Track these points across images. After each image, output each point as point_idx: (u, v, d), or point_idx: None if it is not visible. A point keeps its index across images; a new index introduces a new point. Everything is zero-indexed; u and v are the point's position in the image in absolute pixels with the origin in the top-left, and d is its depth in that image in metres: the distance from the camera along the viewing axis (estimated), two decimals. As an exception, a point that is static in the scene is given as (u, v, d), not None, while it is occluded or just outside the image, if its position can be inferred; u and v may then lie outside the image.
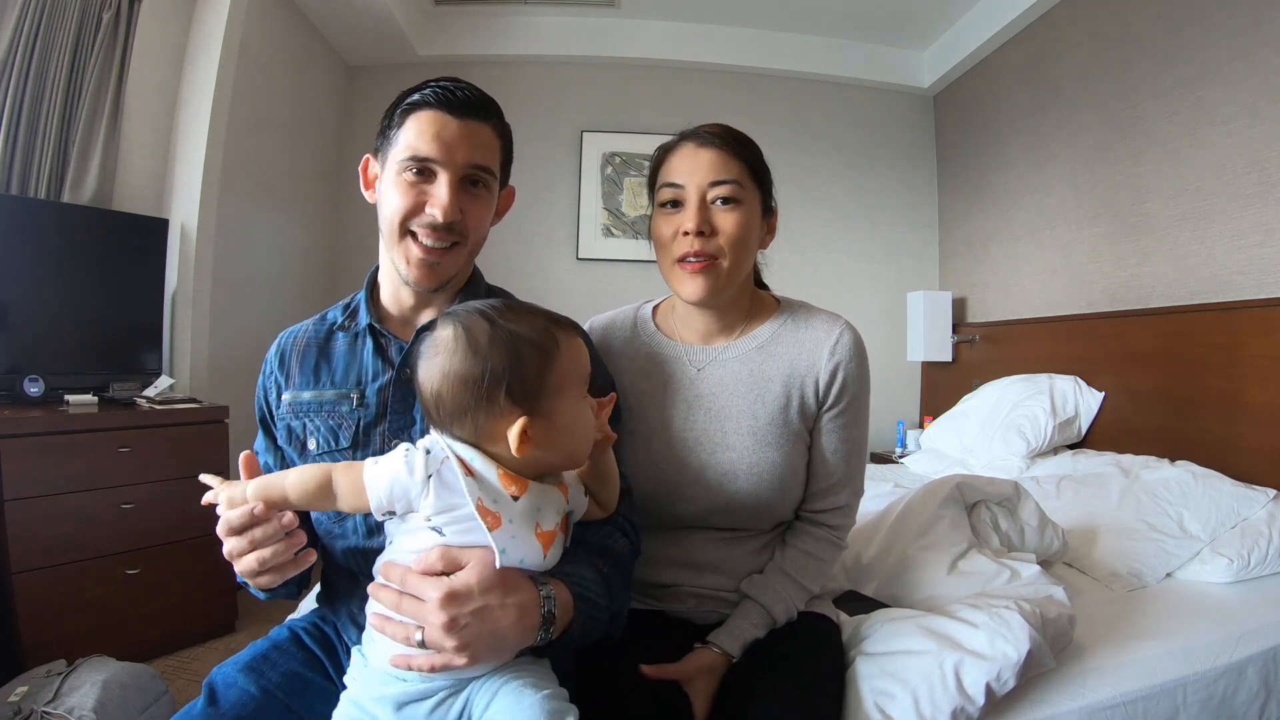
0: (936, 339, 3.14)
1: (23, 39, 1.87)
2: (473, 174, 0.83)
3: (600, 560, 0.76)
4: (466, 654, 0.62)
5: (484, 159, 0.84)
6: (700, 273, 0.91)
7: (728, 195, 0.91)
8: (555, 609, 0.66)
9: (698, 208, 0.90)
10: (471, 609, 0.62)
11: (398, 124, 0.82)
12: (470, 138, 0.82)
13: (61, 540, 1.70)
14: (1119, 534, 1.50)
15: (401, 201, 0.81)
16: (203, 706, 0.74)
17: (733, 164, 0.91)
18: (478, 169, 0.83)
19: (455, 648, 0.61)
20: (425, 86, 0.82)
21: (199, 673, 1.80)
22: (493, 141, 0.85)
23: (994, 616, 0.94)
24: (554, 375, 0.67)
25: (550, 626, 0.66)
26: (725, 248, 0.90)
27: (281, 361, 0.89)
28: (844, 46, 3.41)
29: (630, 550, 0.84)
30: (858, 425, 0.98)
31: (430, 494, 0.63)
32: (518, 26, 3.29)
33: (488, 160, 0.84)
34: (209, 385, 2.32)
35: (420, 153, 0.80)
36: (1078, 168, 2.52)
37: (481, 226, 0.87)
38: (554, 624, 0.66)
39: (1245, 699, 1.09)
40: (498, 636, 0.63)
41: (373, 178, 0.89)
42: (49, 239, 1.91)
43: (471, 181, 0.84)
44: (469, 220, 0.83)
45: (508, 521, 0.64)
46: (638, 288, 3.25)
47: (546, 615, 0.66)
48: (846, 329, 0.97)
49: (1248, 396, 1.78)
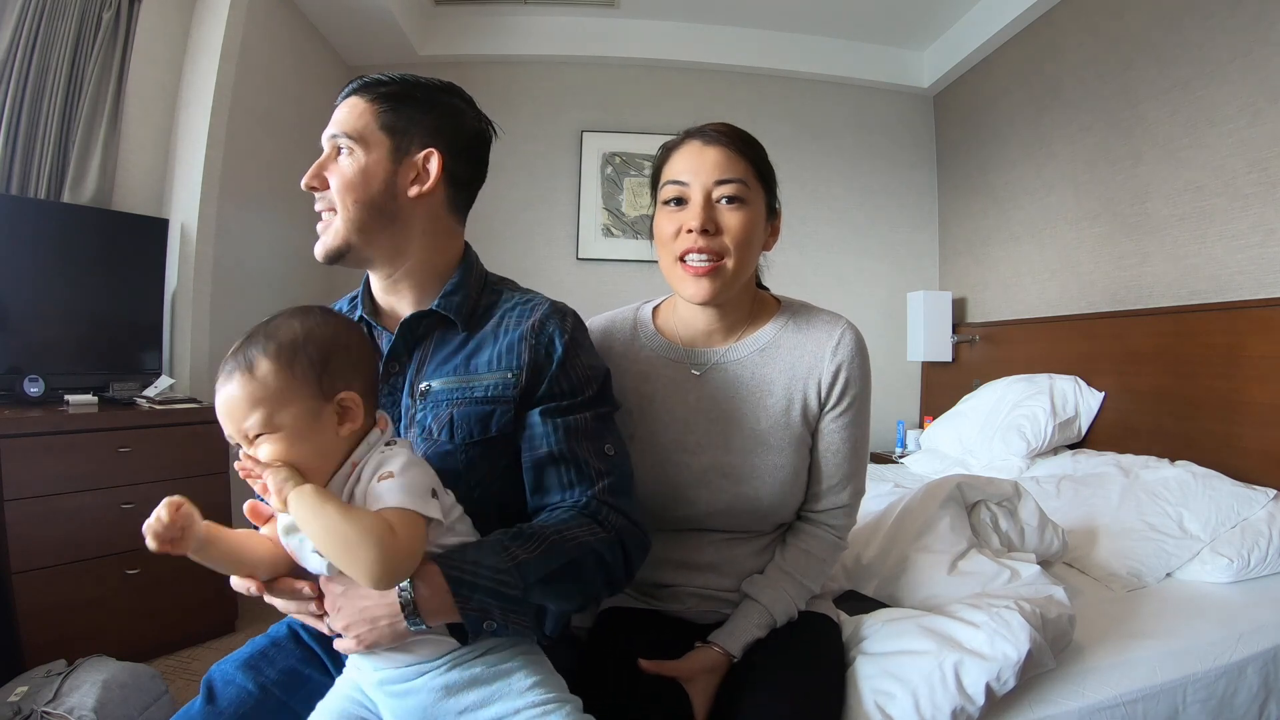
0: (936, 339, 3.14)
1: (23, 39, 1.87)
2: (339, 139, 0.83)
3: (524, 546, 0.70)
4: (353, 635, 0.66)
5: (342, 126, 0.82)
6: (705, 275, 0.90)
7: (733, 194, 0.89)
8: (412, 589, 0.64)
9: (703, 205, 0.89)
10: (341, 588, 0.66)
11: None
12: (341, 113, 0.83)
13: (61, 540, 1.70)
14: (1119, 534, 1.50)
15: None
16: (201, 705, 0.74)
17: (739, 163, 0.90)
18: (342, 136, 0.83)
19: (342, 627, 0.66)
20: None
21: (199, 673, 1.80)
22: (359, 106, 0.82)
23: (994, 616, 0.94)
24: None
25: (415, 610, 0.64)
26: (731, 247, 0.89)
27: None
28: (844, 46, 3.41)
29: (605, 541, 0.75)
30: (859, 425, 0.97)
31: None
32: (518, 26, 3.28)
33: (342, 128, 0.82)
34: (209, 385, 2.30)
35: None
36: (1078, 168, 2.52)
37: (350, 188, 0.82)
38: (418, 606, 0.64)
39: (1245, 699, 1.09)
40: (370, 616, 0.65)
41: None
42: (49, 239, 1.91)
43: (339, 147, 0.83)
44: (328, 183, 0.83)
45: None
46: (638, 288, 3.25)
47: (404, 595, 0.64)
48: (848, 329, 0.97)
49: (1248, 396, 1.78)
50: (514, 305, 0.85)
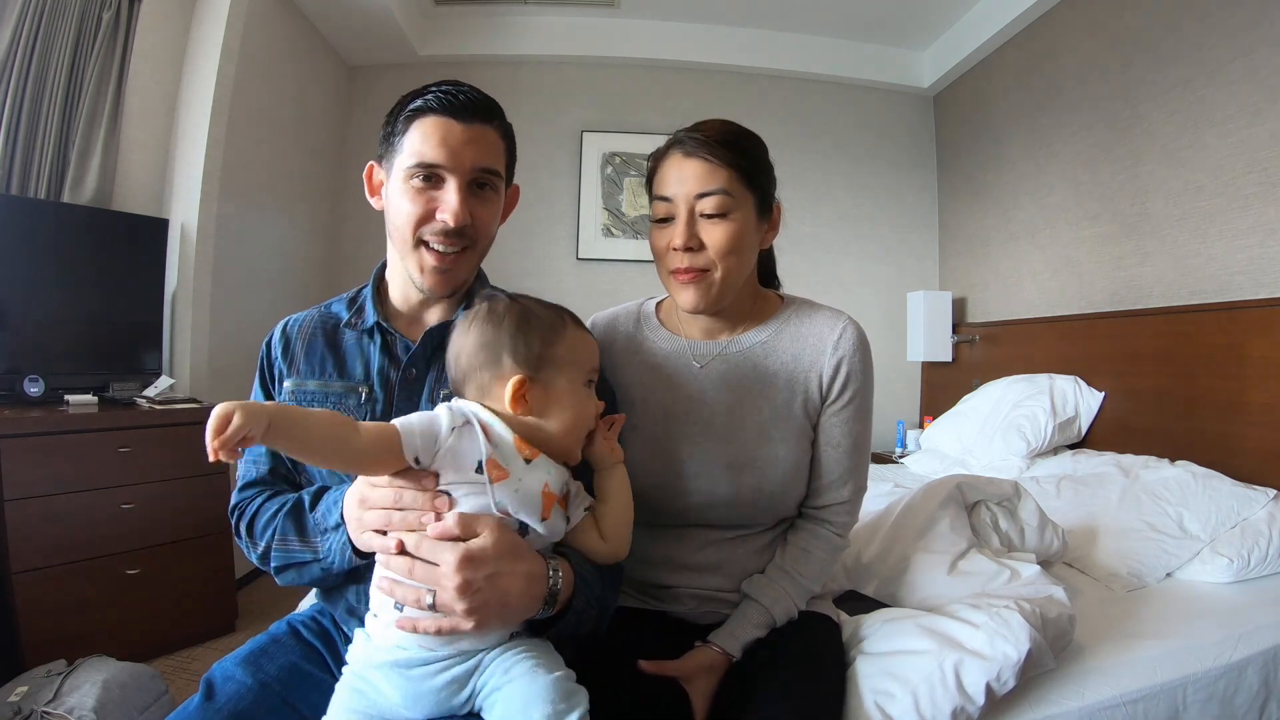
0: (936, 339, 3.14)
1: (23, 39, 1.87)
2: (480, 177, 0.84)
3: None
4: (475, 618, 0.64)
5: (491, 162, 0.85)
6: (692, 284, 0.91)
7: (713, 210, 0.89)
8: (560, 582, 0.70)
9: (685, 222, 0.90)
10: (485, 574, 0.65)
11: (401, 130, 0.82)
12: (476, 141, 0.82)
13: (61, 540, 1.70)
14: (1119, 534, 1.50)
15: (411, 209, 0.82)
16: (199, 702, 0.74)
17: (719, 172, 0.89)
18: (485, 172, 0.84)
19: (465, 610, 0.64)
20: (427, 91, 0.82)
21: (199, 673, 1.80)
22: (498, 143, 0.86)
23: (994, 616, 0.94)
24: (557, 349, 0.73)
25: (554, 600, 0.69)
26: (716, 260, 0.90)
27: (286, 347, 0.89)
28: (844, 46, 3.41)
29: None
30: (861, 420, 0.97)
31: (450, 447, 0.67)
32: (518, 26, 3.29)
33: (494, 163, 0.85)
34: (209, 385, 2.32)
35: (427, 159, 0.80)
36: (1078, 168, 2.52)
37: (490, 228, 0.88)
38: (557, 598, 0.69)
39: (1245, 699, 1.09)
40: (505, 603, 0.66)
41: (378, 184, 0.89)
42: (49, 239, 1.91)
43: (479, 185, 0.84)
44: (478, 223, 0.84)
45: (515, 478, 0.68)
46: (638, 288, 3.25)
47: (552, 587, 0.69)
48: (850, 324, 0.97)
49: (1248, 396, 1.78)
50: None
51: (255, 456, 0.89)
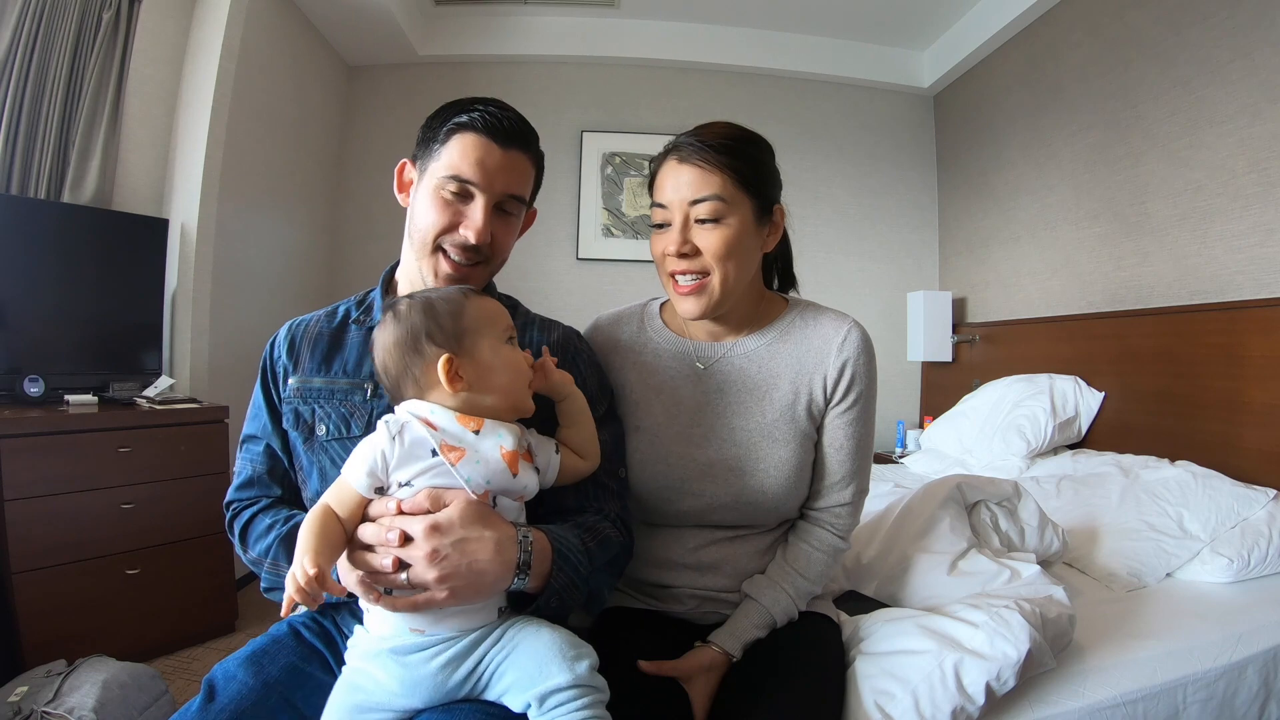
0: (936, 339, 3.14)
1: (23, 39, 1.87)
2: (507, 202, 0.87)
3: (587, 535, 0.80)
4: (447, 587, 0.65)
5: (520, 189, 0.88)
6: (691, 295, 0.92)
7: (707, 215, 0.89)
8: (532, 549, 0.71)
9: (681, 228, 0.90)
10: (452, 539, 0.66)
11: (442, 140, 0.85)
12: (510, 168, 0.86)
13: (61, 540, 1.70)
14: (1119, 534, 1.50)
15: (438, 217, 0.84)
16: (200, 703, 0.74)
17: (713, 178, 0.89)
18: (512, 198, 0.87)
19: (436, 579, 0.65)
20: (474, 108, 0.85)
21: (199, 673, 1.80)
22: (529, 171, 0.90)
23: (994, 616, 0.94)
24: (466, 320, 0.75)
25: (527, 571, 0.70)
26: (713, 264, 0.90)
27: (291, 346, 0.91)
28: (844, 46, 3.41)
29: (621, 543, 0.85)
30: (864, 423, 0.97)
31: (399, 451, 0.69)
32: (518, 26, 3.29)
33: (522, 190, 0.89)
34: (209, 385, 2.32)
35: (463, 174, 0.83)
36: (1078, 168, 2.52)
37: (507, 248, 0.92)
38: (530, 569, 0.70)
39: (1245, 699, 1.09)
40: (476, 570, 0.67)
41: (408, 182, 0.92)
42: (49, 239, 1.91)
43: (504, 208, 0.87)
44: (497, 242, 0.87)
45: (472, 452, 0.70)
46: (638, 288, 3.25)
47: (524, 555, 0.70)
48: (854, 327, 0.97)
49: (1248, 396, 1.78)
50: (531, 320, 0.97)
51: (253, 455, 0.90)
